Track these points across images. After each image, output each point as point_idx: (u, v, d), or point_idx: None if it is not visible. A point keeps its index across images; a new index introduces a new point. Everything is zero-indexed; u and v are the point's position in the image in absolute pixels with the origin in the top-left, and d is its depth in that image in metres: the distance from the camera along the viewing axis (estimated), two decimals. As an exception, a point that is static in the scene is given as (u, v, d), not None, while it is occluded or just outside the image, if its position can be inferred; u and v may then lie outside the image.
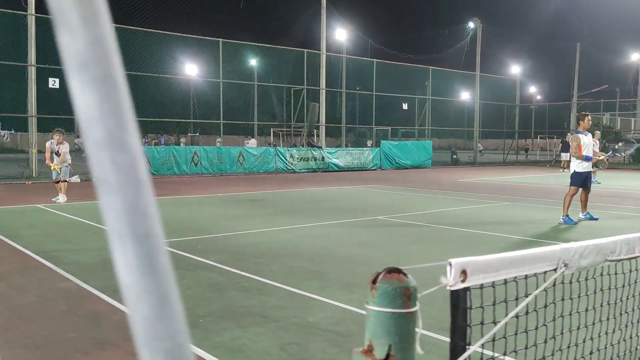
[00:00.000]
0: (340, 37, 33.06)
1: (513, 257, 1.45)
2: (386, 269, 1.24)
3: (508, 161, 38.16)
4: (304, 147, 27.45)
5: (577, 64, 46.97)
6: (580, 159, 10.36)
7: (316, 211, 12.05)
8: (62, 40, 0.48)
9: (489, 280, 1.39)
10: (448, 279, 1.30)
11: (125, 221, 0.50)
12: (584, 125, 10.55)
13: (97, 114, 0.49)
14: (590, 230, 9.71)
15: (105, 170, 0.49)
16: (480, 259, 1.37)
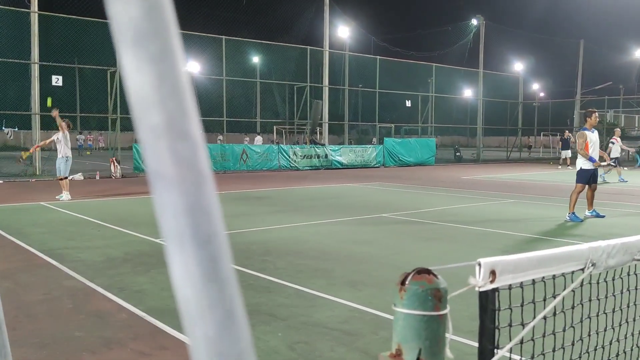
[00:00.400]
0: (343, 34, 32.98)
1: (541, 256, 1.41)
2: (415, 269, 1.19)
3: (511, 158, 38.04)
4: (307, 144, 27.40)
5: (581, 60, 46.81)
6: (585, 158, 10.29)
7: (321, 209, 12.00)
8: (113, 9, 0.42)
9: (518, 280, 1.34)
10: (477, 280, 1.25)
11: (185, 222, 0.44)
12: (591, 122, 10.45)
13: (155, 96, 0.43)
14: (596, 228, 9.65)
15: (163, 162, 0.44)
16: (509, 258, 1.32)
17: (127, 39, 0.42)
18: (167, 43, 0.43)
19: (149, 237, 8.41)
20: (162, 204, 0.45)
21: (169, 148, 0.43)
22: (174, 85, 0.43)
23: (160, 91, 0.43)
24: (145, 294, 5.54)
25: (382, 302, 5.20)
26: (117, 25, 0.43)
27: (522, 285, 1.36)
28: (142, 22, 0.42)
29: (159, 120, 0.43)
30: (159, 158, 0.44)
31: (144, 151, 0.46)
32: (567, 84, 54.40)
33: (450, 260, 7.06)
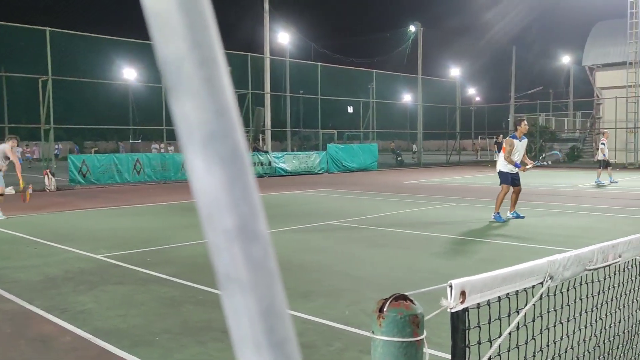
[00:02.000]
0: (283, 41, 33.04)
1: (505, 273, 1.44)
2: (393, 296, 1.20)
3: (451, 161, 39.09)
4: (250, 151, 27.21)
5: (514, 66, 48.71)
6: (511, 164, 10.78)
7: (269, 218, 11.78)
8: (180, 109, 0.41)
9: (485, 298, 1.37)
10: (449, 301, 1.26)
11: (262, 327, 0.43)
12: (521, 130, 10.93)
13: (228, 199, 0.41)
14: (519, 228, 10.07)
15: (237, 266, 0.42)
16: (477, 278, 1.35)
17: (197, 140, 0.41)
18: (236, 144, 0.42)
19: (90, 254, 8.12)
20: (236, 309, 0.44)
21: (243, 252, 0.42)
22: (244, 187, 0.42)
23: (233, 194, 0.41)
24: (90, 314, 5.33)
25: (335, 312, 5.22)
26: (186, 126, 0.41)
27: (489, 303, 1.39)
28: (213, 123, 0.41)
29: (232, 224, 0.42)
30: (231, 262, 0.42)
31: (215, 255, 0.44)
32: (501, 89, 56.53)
33: (400, 266, 7.17)
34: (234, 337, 0.45)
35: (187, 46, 0.41)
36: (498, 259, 7.57)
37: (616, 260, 2.00)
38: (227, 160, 0.41)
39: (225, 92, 0.43)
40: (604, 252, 1.91)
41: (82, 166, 20.70)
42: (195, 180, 0.42)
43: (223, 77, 0.43)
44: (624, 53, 32.82)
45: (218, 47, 0.43)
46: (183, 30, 0.40)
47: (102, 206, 14.61)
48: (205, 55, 0.41)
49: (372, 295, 5.80)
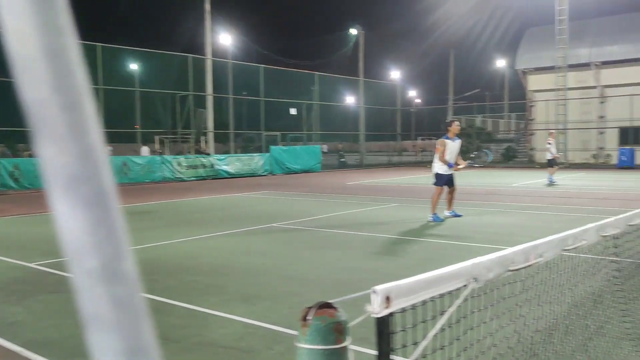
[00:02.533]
0: (225, 42, 32.74)
1: (430, 277, 1.51)
2: (317, 304, 1.23)
3: (392, 162, 39.78)
4: (192, 154, 26.83)
5: (452, 69, 50.06)
6: (445, 164, 11.13)
7: (210, 221, 11.80)
8: (45, 152, 0.41)
9: (410, 303, 1.43)
10: (373, 307, 1.31)
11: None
12: (452, 130, 11.31)
13: (91, 240, 0.42)
14: (457, 227, 10.41)
15: (101, 306, 0.43)
16: (402, 283, 1.40)
17: (61, 183, 0.41)
18: (102, 186, 0.43)
19: (22, 262, 7.81)
20: (101, 348, 0.45)
21: (106, 291, 0.43)
22: (110, 228, 0.43)
23: (96, 235, 0.43)
24: (21, 325, 5.13)
25: (276, 316, 5.23)
26: (51, 169, 0.42)
27: (414, 307, 1.44)
28: (76, 165, 0.42)
29: (95, 264, 0.43)
30: (95, 301, 0.43)
31: (80, 295, 0.45)
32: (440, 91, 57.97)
33: (342, 267, 7.26)
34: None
35: (50, 90, 0.41)
36: (437, 258, 7.78)
37: (537, 260, 2.11)
38: (92, 202, 0.43)
39: (90, 135, 0.44)
40: (525, 252, 2.02)
41: (14, 170, 19.84)
42: (60, 222, 0.43)
43: (89, 120, 0.44)
44: (553, 58, 34.34)
45: (84, 91, 0.43)
46: (47, 75, 0.41)
47: (37, 212, 14.05)
48: (70, 99, 0.42)
49: (315, 297, 5.82)
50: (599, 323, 3.06)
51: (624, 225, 3.18)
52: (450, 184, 11.42)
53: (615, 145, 33.14)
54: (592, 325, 2.99)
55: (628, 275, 3.43)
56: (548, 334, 2.43)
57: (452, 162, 11.19)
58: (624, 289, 3.36)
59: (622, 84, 32.90)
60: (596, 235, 2.73)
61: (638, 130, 32.50)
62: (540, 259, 2.11)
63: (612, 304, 3.21)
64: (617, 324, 3.32)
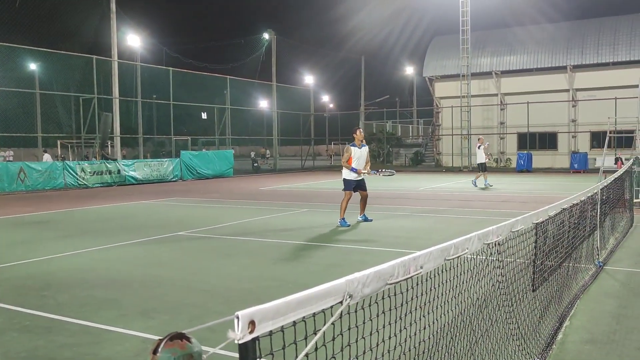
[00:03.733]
0: (133, 44, 31.62)
1: (300, 298, 1.46)
2: (168, 335, 1.15)
3: (306, 167, 40.01)
4: (97, 159, 25.65)
5: (363, 75, 51.16)
6: (348, 169, 11.38)
7: (111, 231, 11.28)
8: None
9: (278, 325, 1.38)
10: (236, 333, 1.25)
11: None
12: (357, 137, 11.58)
13: None
14: (365, 231, 10.62)
15: None
16: (267, 306, 1.35)
17: None
18: None
19: None
20: None
21: None
22: None
23: None
24: None
25: (175, 329, 5.01)
26: None
27: (282, 329, 1.40)
28: None
29: None
30: None
31: None
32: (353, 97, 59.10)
33: (249, 276, 7.14)
34: None
35: None
36: (344, 263, 7.85)
37: (418, 272, 2.13)
38: None
39: None
40: (405, 265, 2.03)
41: None
42: None
43: None
44: (458, 66, 35.98)
45: None
46: None
47: None
48: None
49: (217, 309, 5.70)
50: (484, 327, 3.17)
51: (507, 232, 3.31)
52: (363, 188, 11.61)
53: (515, 149, 35.18)
54: (478, 329, 3.09)
55: (512, 279, 3.59)
56: (434, 344, 2.47)
57: (358, 167, 11.39)
58: (508, 292, 3.51)
59: (520, 92, 35.01)
60: (479, 244, 2.82)
61: (534, 135, 34.68)
62: (421, 270, 2.13)
63: (497, 307, 3.34)
64: (502, 326, 3.46)
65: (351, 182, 11.47)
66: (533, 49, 35.41)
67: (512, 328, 3.54)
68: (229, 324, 1.31)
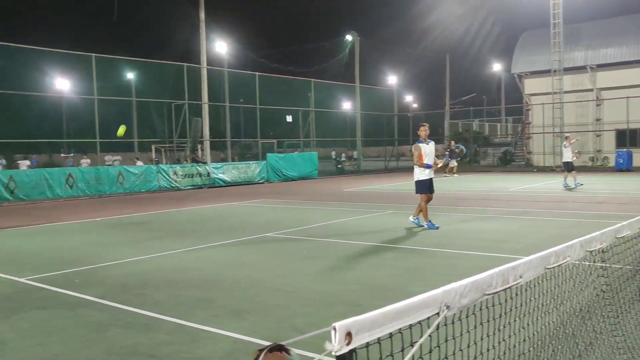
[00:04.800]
0: (220, 51, 32.73)
1: (396, 309, 1.44)
2: (268, 347, 1.16)
3: (390, 168, 39.71)
4: (187, 162, 26.76)
5: (448, 74, 50.11)
6: (422, 167, 11.07)
7: (203, 232, 11.72)
8: None
9: (375, 337, 1.35)
10: (333, 345, 1.24)
11: None
12: (421, 134, 11.29)
13: None
14: (449, 234, 10.30)
15: None
16: (364, 317, 1.33)
17: None
18: None
19: (12, 277, 7.72)
20: None
21: None
22: None
23: None
24: (6, 344, 5.04)
25: (265, 330, 5.15)
26: None
27: (379, 340, 1.37)
28: None
29: None
30: None
31: None
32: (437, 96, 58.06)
33: (332, 278, 7.17)
34: None
35: None
36: (430, 267, 7.71)
37: (517, 282, 2.04)
38: None
39: None
40: (503, 275, 1.95)
41: (9, 182, 19.75)
42: None
43: None
44: (548, 61, 34.36)
45: None
46: None
47: (30, 224, 13.97)
48: None
49: (303, 311, 5.77)
50: (588, 339, 2.98)
51: (612, 238, 3.11)
52: (431, 191, 11.32)
53: (612, 147, 33.12)
54: (581, 342, 2.91)
55: (618, 288, 3.36)
56: (534, 356, 2.36)
57: (429, 163, 11.13)
58: (613, 302, 3.29)
59: (617, 86, 32.91)
60: (581, 251, 2.66)
61: (635, 132, 32.49)
62: (520, 280, 2.04)
63: (601, 318, 3.14)
64: (607, 338, 3.25)
65: (425, 182, 11.17)
66: (633, 40, 33.18)
67: (618, 340, 3.31)
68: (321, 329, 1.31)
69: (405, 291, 6.26)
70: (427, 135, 11.32)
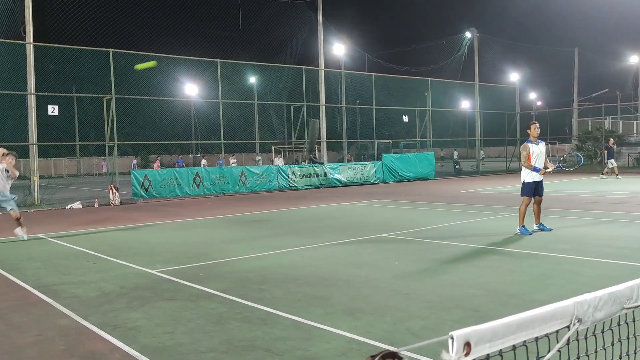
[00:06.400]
0: (337, 52, 33.13)
1: (520, 320, 1.33)
2: (381, 353, 1.12)
3: (511, 169, 37.96)
4: (305, 163, 27.38)
5: (576, 69, 46.94)
6: (529, 169, 10.34)
7: (319, 230, 11.91)
8: None
9: (496, 349, 1.26)
10: (450, 355, 1.17)
11: None
12: (531, 133, 10.55)
13: None
14: (578, 239, 9.54)
15: None
16: (484, 327, 1.24)
17: None
18: None
19: (146, 269, 8.32)
20: None
21: None
22: None
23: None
24: (140, 330, 5.43)
25: (379, 331, 5.10)
26: None
27: (501, 353, 1.28)
28: None
29: None
30: None
31: None
32: (563, 93, 54.53)
33: (450, 281, 6.96)
34: None
35: None
36: (555, 274, 7.23)
37: (661, 295, 1.82)
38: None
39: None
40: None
41: (144, 181, 21.40)
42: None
43: None
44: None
45: None
46: None
47: (162, 220, 15.02)
48: None
49: (419, 313, 5.64)
50: None
51: None
52: (539, 193, 10.61)
53: None
54: None
55: None
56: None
57: (538, 166, 10.40)
58: None
59: None
60: None
61: None
62: (666, 294, 1.82)
63: None
64: None
65: (531, 185, 10.47)
66: None
67: None
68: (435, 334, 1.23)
69: (528, 299, 5.92)
70: (538, 135, 10.66)
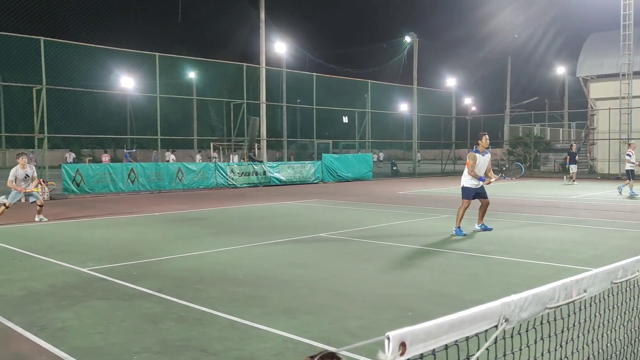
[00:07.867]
0: (279, 51, 33.09)
1: (452, 320, 1.39)
2: (319, 354, 1.14)
3: (446, 171, 39.07)
4: (244, 161, 27.18)
5: (509, 76, 48.86)
6: (475, 178, 10.89)
7: (258, 229, 11.86)
8: None
9: (430, 348, 1.31)
10: (386, 355, 1.21)
11: None
12: (482, 144, 11.05)
13: None
14: (508, 241, 9.98)
15: None
16: (419, 327, 1.29)
17: None
18: None
19: (77, 267, 8.04)
20: None
21: None
22: None
23: None
24: (69, 331, 5.25)
25: (316, 331, 5.15)
26: None
27: (434, 352, 1.33)
28: None
29: None
30: None
31: None
32: (497, 99, 56.70)
33: (387, 281, 7.10)
34: None
35: None
36: (487, 274, 7.51)
37: (581, 296, 1.94)
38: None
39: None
40: (566, 288, 1.86)
41: (76, 175, 20.62)
42: None
43: None
44: (617, 64, 32.93)
45: None
46: None
47: (94, 216, 14.53)
48: None
49: (356, 313, 5.73)
50: (656, 359, 2.82)
51: (685, 253, 2.92)
52: (483, 196, 11.20)
53: (685, 156, 31.37)
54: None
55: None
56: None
57: (482, 176, 10.94)
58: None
59: (692, 91, 31.17)
60: (652, 266, 2.51)
61: None
62: (584, 295, 1.94)
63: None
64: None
65: (471, 190, 11.06)
66: None
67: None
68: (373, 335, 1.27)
69: (460, 299, 6.13)
70: (488, 145, 11.12)
